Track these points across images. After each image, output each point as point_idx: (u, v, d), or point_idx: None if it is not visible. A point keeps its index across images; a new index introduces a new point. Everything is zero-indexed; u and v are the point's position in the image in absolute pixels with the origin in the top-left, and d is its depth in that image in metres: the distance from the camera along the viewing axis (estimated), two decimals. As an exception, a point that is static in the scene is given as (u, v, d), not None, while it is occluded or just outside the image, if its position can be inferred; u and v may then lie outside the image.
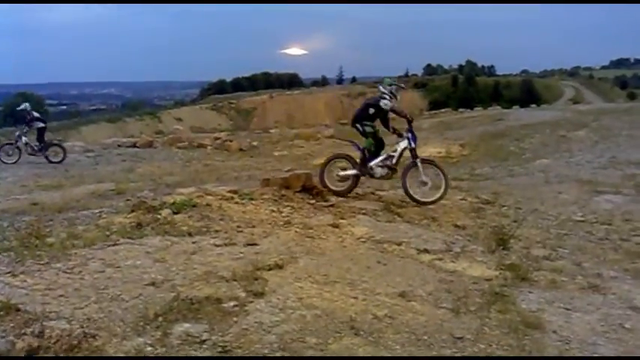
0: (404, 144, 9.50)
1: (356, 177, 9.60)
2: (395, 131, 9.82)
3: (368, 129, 9.67)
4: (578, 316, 5.01)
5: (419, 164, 9.35)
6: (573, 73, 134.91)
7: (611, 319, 4.99)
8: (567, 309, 5.15)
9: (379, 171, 9.57)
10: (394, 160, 9.53)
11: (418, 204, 9.09)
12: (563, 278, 6.03)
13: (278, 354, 3.75)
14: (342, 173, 9.62)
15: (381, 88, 9.85)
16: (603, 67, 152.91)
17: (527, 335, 4.45)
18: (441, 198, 9.23)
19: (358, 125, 9.72)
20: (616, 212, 9.39)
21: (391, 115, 9.76)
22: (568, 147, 17.54)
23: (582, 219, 9.02)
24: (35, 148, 17.75)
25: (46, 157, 17.52)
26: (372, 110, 9.69)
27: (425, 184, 9.32)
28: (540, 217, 9.11)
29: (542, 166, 14.40)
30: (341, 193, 9.37)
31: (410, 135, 9.46)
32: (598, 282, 5.97)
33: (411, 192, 9.20)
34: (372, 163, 9.54)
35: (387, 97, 9.66)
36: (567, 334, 4.57)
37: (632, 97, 61.85)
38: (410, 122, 9.54)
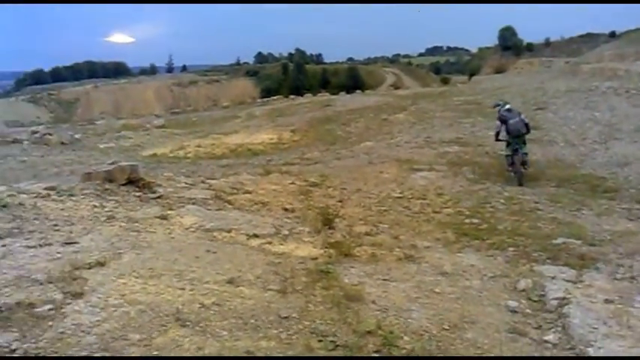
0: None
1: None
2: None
3: None
4: (394, 285, 5.40)
5: None
6: (394, 60, 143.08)
7: (424, 286, 5.44)
8: (385, 280, 5.53)
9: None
10: None
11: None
12: (382, 251, 6.46)
13: (98, 354, 3.60)
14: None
15: (508, 106, 11.74)
16: (420, 55, 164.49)
17: (348, 308, 4.70)
18: None
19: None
20: (430, 187, 10.22)
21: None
22: (389, 129, 18.68)
23: (400, 195, 9.70)
24: None
25: None
26: None
27: None
28: (363, 195, 9.65)
29: (366, 148, 15.20)
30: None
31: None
32: (413, 252, 6.48)
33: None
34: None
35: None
36: (385, 303, 4.90)
37: (445, 81, 67.01)
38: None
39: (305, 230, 7.20)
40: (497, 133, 11.60)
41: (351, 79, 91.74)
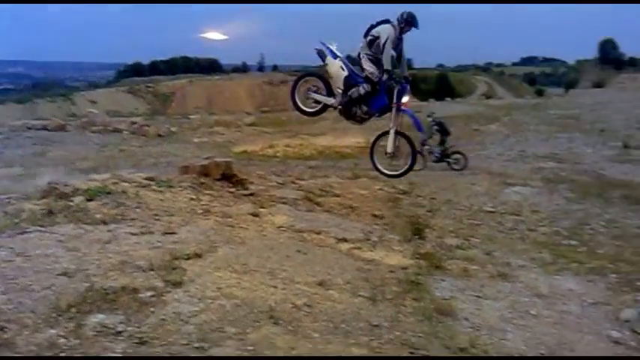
0: None
1: None
2: None
3: None
4: (488, 303, 5.26)
5: None
6: (486, 69, 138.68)
7: (519, 306, 5.27)
8: (478, 296, 5.40)
9: None
10: None
11: None
12: (474, 267, 6.31)
13: (196, 344, 3.70)
14: None
15: None
16: (514, 64, 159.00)
17: (440, 322, 4.62)
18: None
19: None
20: (524, 203, 9.88)
21: None
22: (481, 140, 18.27)
23: (493, 210, 9.44)
24: None
25: None
26: None
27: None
28: (454, 207, 9.47)
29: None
30: None
31: None
32: (507, 270, 6.29)
33: None
34: None
35: None
36: (478, 320, 4.78)
37: (539, 93, 64.59)
38: None
39: (394, 238, 7.15)
40: None
41: (441, 86, 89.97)
